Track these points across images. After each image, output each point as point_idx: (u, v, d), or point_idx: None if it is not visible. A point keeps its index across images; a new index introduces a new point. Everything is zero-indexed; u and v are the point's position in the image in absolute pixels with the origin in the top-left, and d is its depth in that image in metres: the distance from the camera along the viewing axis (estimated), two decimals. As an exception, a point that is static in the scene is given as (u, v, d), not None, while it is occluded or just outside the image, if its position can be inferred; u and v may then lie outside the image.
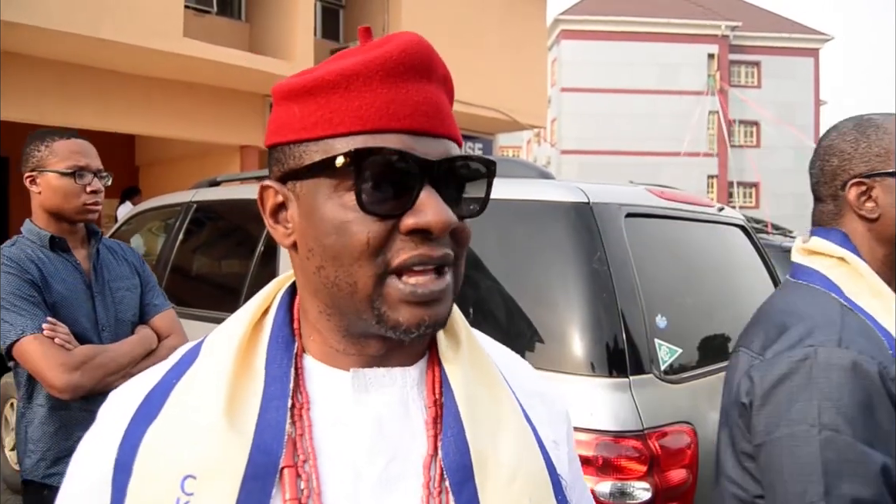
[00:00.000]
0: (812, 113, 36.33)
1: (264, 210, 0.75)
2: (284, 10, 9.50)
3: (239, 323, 0.76)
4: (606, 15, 34.63)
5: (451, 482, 0.70)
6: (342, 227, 0.67)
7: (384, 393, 0.73)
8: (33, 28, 6.91)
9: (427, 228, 0.66)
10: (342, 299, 0.69)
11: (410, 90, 0.68)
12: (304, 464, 0.68)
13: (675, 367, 2.06)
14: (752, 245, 2.96)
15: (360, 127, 0.66)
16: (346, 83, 0.67)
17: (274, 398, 0.70)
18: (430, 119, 0.68)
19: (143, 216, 4.17)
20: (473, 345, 0.80)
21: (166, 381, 0.74)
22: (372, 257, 0.66)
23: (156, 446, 0.68)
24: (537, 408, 0.83)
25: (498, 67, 11.80)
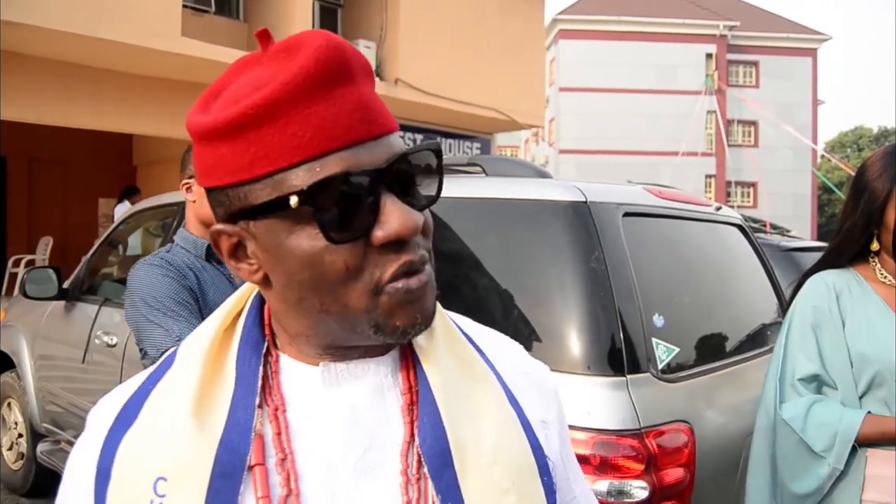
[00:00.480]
0: (810, 113, 36.36)
1: (222, 253, 0.72)
2: (282, 9, 9.50)
3: (210, 328, 0.76)
4: (604, 15, 34.64)
5: (429, 468, 0.70)
6: (314, 260, 0.65)
7: (356, 384, 0.73)
8: (32, 27, 6.91)
9: (398, 237, 0.65)
10: (333, 322, 0.69)
11: (338, 100, 0.64)
12: (282, 461, 0.69)
13: (672, 366, 2.06)
14: (749, 244, 2.96)
15: (300, 157, 0.63)
16: (271, 113, 0.63)
17: (243, 397, 0.70)
18: (366, 124, 0.66)
19: (140, 215, 4.17)
20: (448, 330, 0.80)
21: (144, 388, 0.75)
22: (357, 278, 0.66)
23: (131, 451, 0.70)
24: (525, 388, 0.82)
25: (496, 67, 11.80)
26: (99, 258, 4.25)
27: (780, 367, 1.87)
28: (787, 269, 4.11)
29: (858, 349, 1.78)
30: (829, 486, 1.76)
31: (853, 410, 1.76)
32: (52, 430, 4.10)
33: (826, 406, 1.78)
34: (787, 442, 1.82)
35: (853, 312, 1.83)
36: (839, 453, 1.74)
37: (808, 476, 1.78)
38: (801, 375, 1.83)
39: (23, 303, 4.44)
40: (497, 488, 0.71)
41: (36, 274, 3.91)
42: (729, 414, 2.19)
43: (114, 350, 3.43)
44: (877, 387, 1.76)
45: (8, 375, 4.58)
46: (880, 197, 1.80)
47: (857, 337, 1.80)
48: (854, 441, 1.73)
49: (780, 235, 6.13)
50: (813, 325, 1.85)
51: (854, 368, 1.78)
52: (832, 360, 1.81)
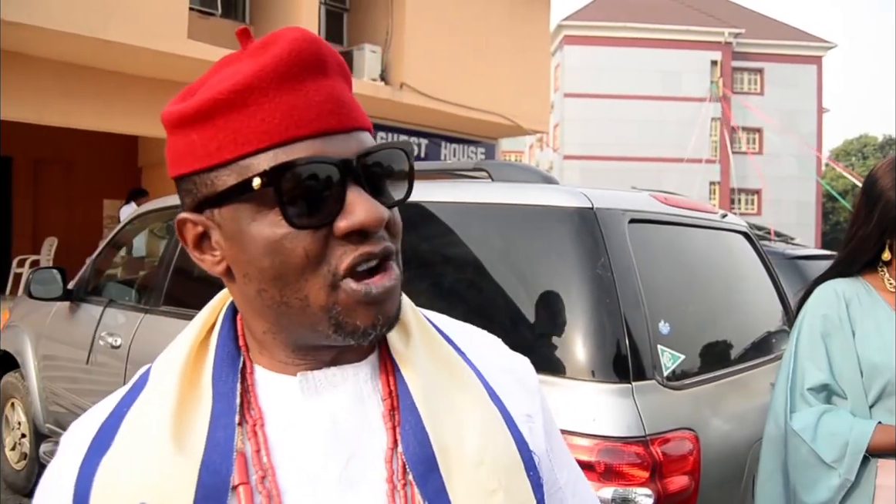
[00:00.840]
0: (815, 120, 36.35)
1: (186, 244, 0.71)
2: (288, 12, 9.53)
3: (183, 344, 0.74)
4: (609, 21, 34.68)
5: (414, 475, 0.69)
6: (275, 246, 0.65)
7: (336, 392, 0.72)
8: (37, 28, 6.94)
9: (361, 228, 0.64)
10: (292, 316, 0.67)
11: (310, 91, 0.65)
12: (262, 480, 0.67)
13: (677, 373, 2.05)
14: (755, 252, 2.96)
15: (267, 142, 0.64)
16: (242, 100, 0.64)
17: (221, 416, 0.68)
18: (337, 116, 0.66)
19: (145, 217, 4.17)
20: (425, 330, 0.79)
21: (118, 410, 0.73)
22: (316, 268, 0.65)
23: (109, 476, 0.67)
24: (508, 384, 0.82)
25: (501, 72, 11.82)
26: (104, 259, 4.25)
27: (790, 376, 1.86)
28: (792, 277, 4.11)
29: (868, 358, 1.77)
30: (841, 496, 1.75)
31: (863, 421, 1.75)
32: (56, 430, 4.09)
33: (836, 416, 1.77)
34: (798, 452, 1.81)
35: (863, 321, 1.82)
36: (850, 464, 1.73)
37: (819, 487, 1.77)
38: (810, 385, 1.82)
39: (27, 303, 4.45)
40: (484, 489, 0.71)
41: (41, 274, 3.92)
42: (734, 422, 2.18)
43: (118, 351, 3.43)
44: (887, 396, 1.75)
45: (12, 375, 4.59)
46: (893, 205, 1.80)
47: (866, 346, 1.79)
48: (865, 451, 1.72)
49: (784, 243, 6.12)
50: (822, 334, 1.84)
51: (864, 378, 1.77)
52: (842, 369, 1.80)
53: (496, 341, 0.89)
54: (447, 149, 12.74)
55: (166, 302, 3.38)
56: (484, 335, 0.89)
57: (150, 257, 4.28)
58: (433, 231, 2.35)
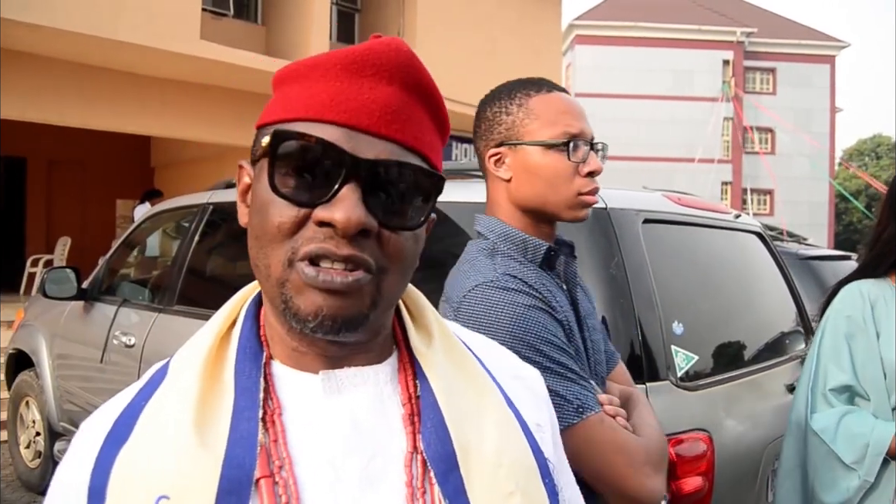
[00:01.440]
0: (828, 120, 36.12)
1: (239, 189, 0.76)
2: (300, 13, 9.55)
3: (205, 338, 0.74)
4: (621, 20, 34.59)
5: (435, 472, 0.69)
6: (263, 207, 0.68)
7: (357, 392, 0.72)
8: (52, 30, 6.98)
9: (332, 223, 0.64)
10: (263, 283, 0.70)
11: (363, 87, 0.67)
12: (280, 470, 0.67)
13: (691, 374, 2.05)
14: (768, 252, 2.94)
15: (304, 114, 0.67)
16: (308, 72, 0.69)
17: (244, 409, 0.68)
18: (376, 118, 0.67)
19: (158, 217, 4.20)
20: (446, 335, 0.80)
21: (135, 403, 0.72)
22: (282, 241, 0.66)
23: (128, 469, 0.67)
24: (520, 392, 0.82)
25: (513, 72, 11.68)
26: (117, 259, 4.28)
27: (812, 376, 1.85)
28: (805, 278, 4.09)
29: (892, 360, 1.76)
30: (860, 497, 1.74)
31: (885, 423, 1.74)
32: (70, 429, 4.12)
33: (857, 417, 1.76)
34: (818, 452, 1.80)
35: (888, 322, 1.80)
36: (870, 466, 1.72)
37: (838, 487, 1.76)
38: (832, 386, 1.81)
39: (42, 302, 4.48)
40: (502, 491, 0.71)
41: (55, 274, 3.95)
42: (748, 422, 2.17)
43: (132, 350, 3.45)
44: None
45: (26, 374, 4.62)
46: None
47: (891, 348, 1.77)
48: (885, 454, 1.71)
49: (797, 243, 6.09)
50: (846, 335, 1.83)
51: (887, 380, 1.76)
52: (865, 370, 1.79)
53: (507, 351, 0.90)
54: (458, 149, 12.74)
55: (180, 301, 3.40)
56: (495, 345, 0.89)
57: (164, 257, 4.30)
58: (446, 232, 2.35)
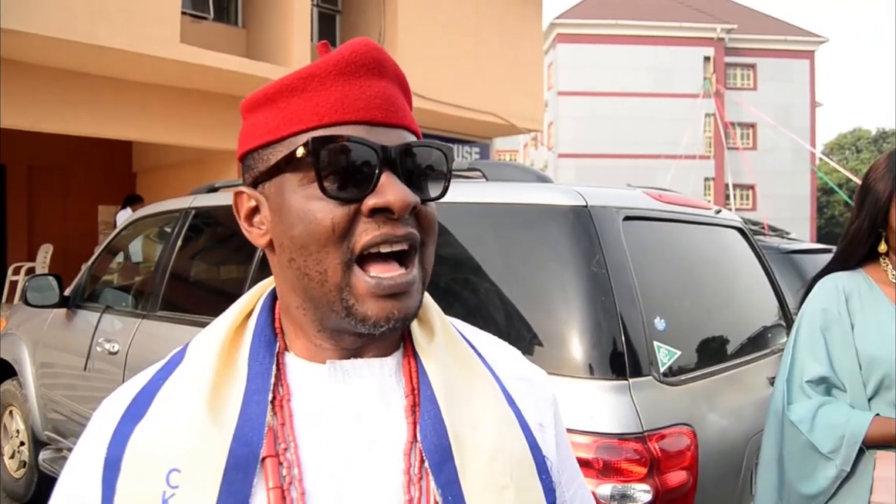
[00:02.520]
0: (808, 115, 36.41)
1: (239, 215, 0.78)
2: (281, 15, 9.51)
3: (222, 325, 0.78)
4: (602, 19, 34.71)
5: (430, 463, 0.72)
6: (307, 215, 0.69)
7: (362, 383, 0.75)
8: (31, 35, 6.92)
9: (388, 206, 0.68)
10: (314, 290, 0.71)
11: (363, 85, 0.71)
12: (285, 451, 0.71)
13: (674, 369, 2.06)
14: (749, 247, 2.97)
15: (317, 121, 0.70)
16: (303, 85, 0.71)
17: (255, 393, 0.72)
18: (384, 111, 0.72)
19: (140, 222, 4.17)
20: (449, 332, 0.83)
21: (153, 382, 0.76)
22: (338, 242, 0.69)
23: (143, 443, 0.71)
24: (523, 392, 0.84)
25: (494, 71, 11.82)
26: (100, 265, 4.25)
27: (789, 369, 1.88)
28: (787, 272, 4.12)
29: (867, 351, 1.79)
30: (837, 487, 1.77)
31: (861, 412, 1.76)
32: (54, 437, 4.09)
33: (834, 408, 1.79)
34: (795, 443, 1.83)
35: (862, 314, 1.83)
36: (846, 455, 1.74)
37: (816, 477, 1.79)
38: (809, 377, 1.84)
39: (24, 310, 4.44)
40: (496, 484, 0.73)
41: (37, 282, 3.92)
42: (731, 416, 2.19)
43: (115, 357, 3.43)
44: (886, 389, 1.77)
45: (9, 383, 4.58)
46: (882, 198, 1.83)
47: (865, 339, 1.80)
48: (861, 443, 1.74)
49: (779, 238, 6.13)
50: (822, 328, 1.86)
51: (863, 371, 1.79)
52: (841, 362, 1.82)
53: (515, 352, 0.91)
54: (442, 149, 12.73)
55: (163, 307, 3.38)
56: (503, 345, 0.91)
57: (146, 262, 4.27)
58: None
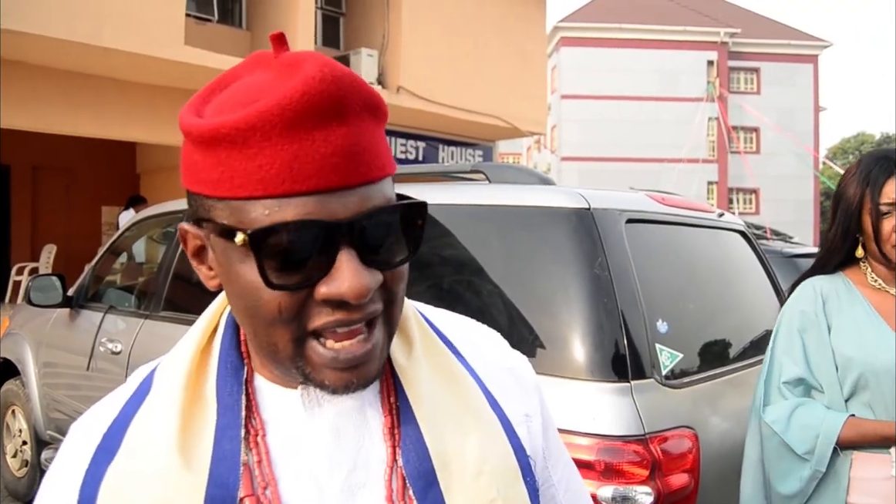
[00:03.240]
0: (812, 119, 36.37)
1: (187, 250, 0.71)
2: (285, 18, 9.54)
3: (185, 351, 0.74)
4: (606, 22, 34.71)
5: (414, 490, 0.70)
6: (253, 293, 0.63)
7: (337, 405, 0.71)
8: (34, 36, 6.94)
9: (341, 299, 0.62)
10: (269, 354, 0.67)
11: (316, 140, 0.60)
12: (264, 490, 0.68)
13: (676, 372, 2.06)
14: (752, 250, 2.97)
15: (261, 192, 0.60)
16: (243, 139, 0.60)
17: (227, 428, 0.69)
18: (342, 172, 0.61)
19: (144, 223, 4.18)
20: (427, 340, 0.79)
21: (123, 414, 0.72)
22: (287, 324, 0.63)
23: (115, 489, 0.67)
24: (506, 383, 0.82)
25: (498, 75, 11.83)
26: (103, 266, 4.26)
27: (767, 370, 1.91)
28: (790, 276, 4.10)
29: (843, 352, 1.82)
30: (813, 487, 1.79)
31: (835, 413, 1.79)
32: (57, 437, 4.10)
33: (809, 409, 1.82)
34: (770, 443, 1.86)
35: (839, 317, 1.87)
36: (821, 455, 1.77)
37: (792, 477, 1.82)
38: (786, 379, 1.87)
39: (27, 310, 4.45)
40: (483, 498, 0.72)
41: (40, 281, 3.93)
42: (733, 420, 2.19)
43: (118, 357, 3.44)
44: (861, 390, 1.79)
45: (12, 383, 4.59)
46: (853, 204, 1.87)
47: (841, 340, 1.83)
48: (835, 444, 1.75)
49: (782, 242, 6.12)
50: (799, 330, 1.89)
51: (839, 372, 1.82)
52: (818, 363, 1.85)
53: (495, 336, 0.89)
54: (444, 152, 12.75)
55: (166, 307, 3.39)
56: (483, 330, 0.89)
57: (150, 263, 4.28)
58: (431, 233, 2.36)
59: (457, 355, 0.81)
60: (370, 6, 11.08)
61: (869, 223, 1.84)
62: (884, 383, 1.76)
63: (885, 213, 1.83)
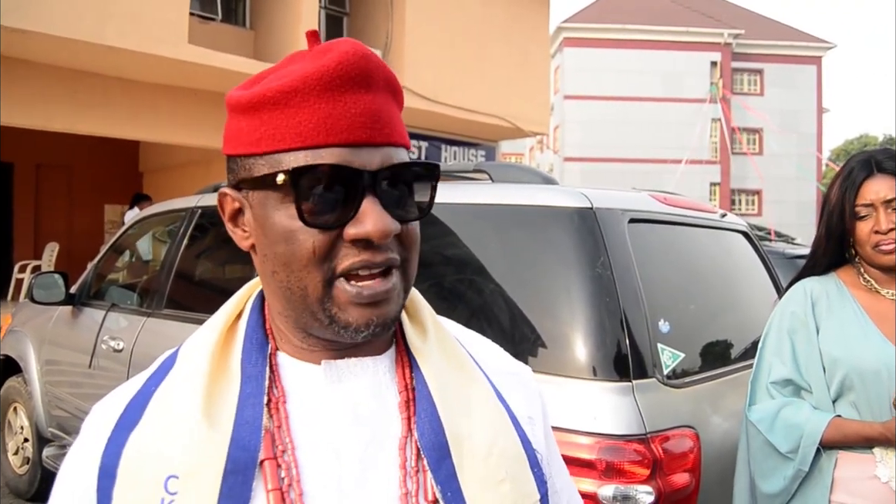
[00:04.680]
0: (815, 121, 36.33)
1: (224, 215, 0.78)
2: (289, 17, 9.54)
3: (213, 329, 0.79)
4: (609, 23, 34.69)
5: (428, 461, 0.73)
6: (290, 236, 0.70)
7: (357, 381, 0.76)
8: (38, 34, 6.96)
9: (367, 237, 0.69)
10: (296, 302, 0.72)
11: (348, 102, 0.69)
12: (283, 454, 0.71)
13: (677, 371, 2.06)
14: (754, 251, 2.97)
15: (300, 143, 0.69)
16: (285, 100, 0.69)
17: (250, 396, 0.72)
18: (368, 130, 0.70)
19: (147, 221, 4.18)
20: (440, 331, 0.84)
21: (146, 389, 0.76)
22: (319, 264, 0.70)
23: (139, 450, 0.70)
24: (512, 387, 0.86)
25: (501, 75, 11.83)
26: (105, 264, 4.26)
27: (755, 370, 1.92)
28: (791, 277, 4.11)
29: (830, 353, 1.83)
30: (796, 486, 1.81)
31: (820, 413, 1.80)
32: (58, 434, 4.10)
33: (795, 408, 1.83)
34: (755, 442, 1.88)
35: (828, 318, 1.88)
36: (804, 455, 1.79)
37: (776, 476, 1.83)
38: (774, 379, 1.89)
39: (30, 308, 4.46)
40: (493, 478, 0.74)
41: (43, 279, 3.93)
42: (734, 419, 2.19)
43: (120, 355, 3.44)
44: (847, 391, 1.81)
45: (14, 380, 4.59)
46: (835, 207, 1.88)
47: (829, 341, 1.85)
48: (819, 444, 1.76)
49: (784, 243, 6.13)
50: (789, 331, 1.91)
51: (826, 372, 1.83)
52: (806, 364, 1.87)
53: (500, 349, 0.93)
54: (447, 151, 12.75)
55: (168, 305, 3.39)
56: (489, 342, 0.93)
57: (152, 261, 4.28)
58: (434, 232, 2.36)
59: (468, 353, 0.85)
60: (374, 6, 11.08)
61: (854, 224, 1.85)
62: (869, 384, 1.77)
63: (862, 214, 1.83)
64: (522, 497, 0.76)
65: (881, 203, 1.80)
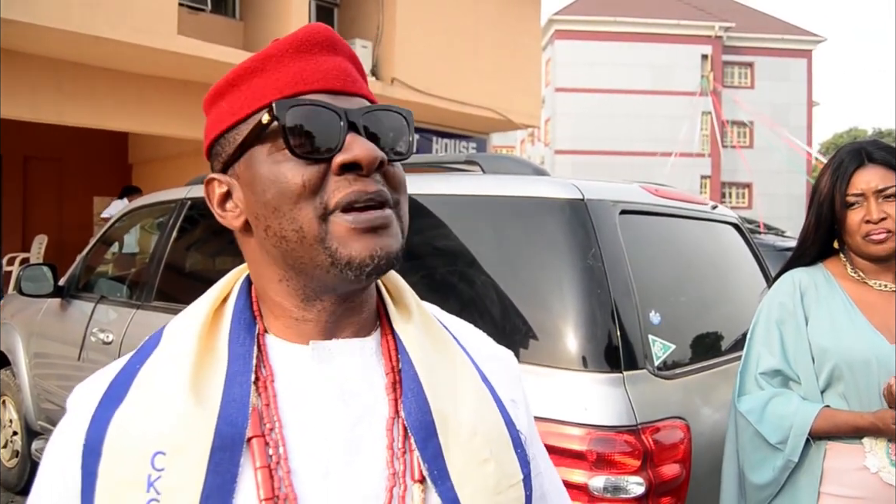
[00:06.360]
0: (805, 114, 36.44)
1: (211, 203, 0.79)
2: (279, 8, 9.48)
3: (199, 310, 0.79)
4: (600, 15, 34.64)
5: (415, 439, 0.74)
6: (278, 177, 0.70)
7: (345, 362, 0.76)
8: (28, 25, 6.89)
9: (355, 161, 0.70)
10: (294, 251, 0.71)
11: (319, 61, 0.74)
12: (270, 431, 0.71)
13: (668, 362, 2.07)
14: (745, 243, 2.97)
15: (278, 94, 0.72)
16: (261, 66, 0.74)
17: (238, 374, 0.72)
18: (342, 81, 0.74)
19: (136, 213, 4.16)
20: (424, 314, 0.84)
21: (130, 367, 0.76)
22: (310, 198, 0.70)
23: (124, 427, 0.70)
24: (495, 370, 0.87)
25: (492, 67, 11.81)
26: (94, 256, 4.24)
27: (744, 361, 1.93)
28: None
29: (819, 344, 1.84)
30: (785, 477, 1.81)
31: (809, 404, 1.81)
32: (48, 427, 4.09)
33: (784, 399, 1.84)
34: (745, 433, 1.88)
35: (817, 309, 1.88)
36: (793, 445, 1.79)
37: (765, 467, 1.84)
38: (763, 370, 1.89)
39: (18, 300, 4.44)
40: (478, 458, 0.75)
41: (31, 271, 3.91)
42: (724, 411, 2.19)
43: (109, 347, 3.42)
44: (836, 381, 1.81)
45: (2, 373, 4.57)
46: (824, 197, 1.88)
47: (817, 332, 1.85)
48: (808, 434, 1.77)
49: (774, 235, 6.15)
50: (777, 322, 1.91)
51: (815, 363, 1.84)
52: (795, 355, 1.87)
53: (483, 334, 0.94)
54: (438, 144, 12.73)
55: (158, 297, 3.38)
56: (472, 327, 0.94)
57: (141, 253, 4.26)
58: (425, 224, 2.35)
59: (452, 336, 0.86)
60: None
61: (844, 215, 1.85)
62: (858, 375, 1.78)
63: (852, 203, 1.84)
64: (506, 477, 0.77)
65: (872, 193, 1.81)
